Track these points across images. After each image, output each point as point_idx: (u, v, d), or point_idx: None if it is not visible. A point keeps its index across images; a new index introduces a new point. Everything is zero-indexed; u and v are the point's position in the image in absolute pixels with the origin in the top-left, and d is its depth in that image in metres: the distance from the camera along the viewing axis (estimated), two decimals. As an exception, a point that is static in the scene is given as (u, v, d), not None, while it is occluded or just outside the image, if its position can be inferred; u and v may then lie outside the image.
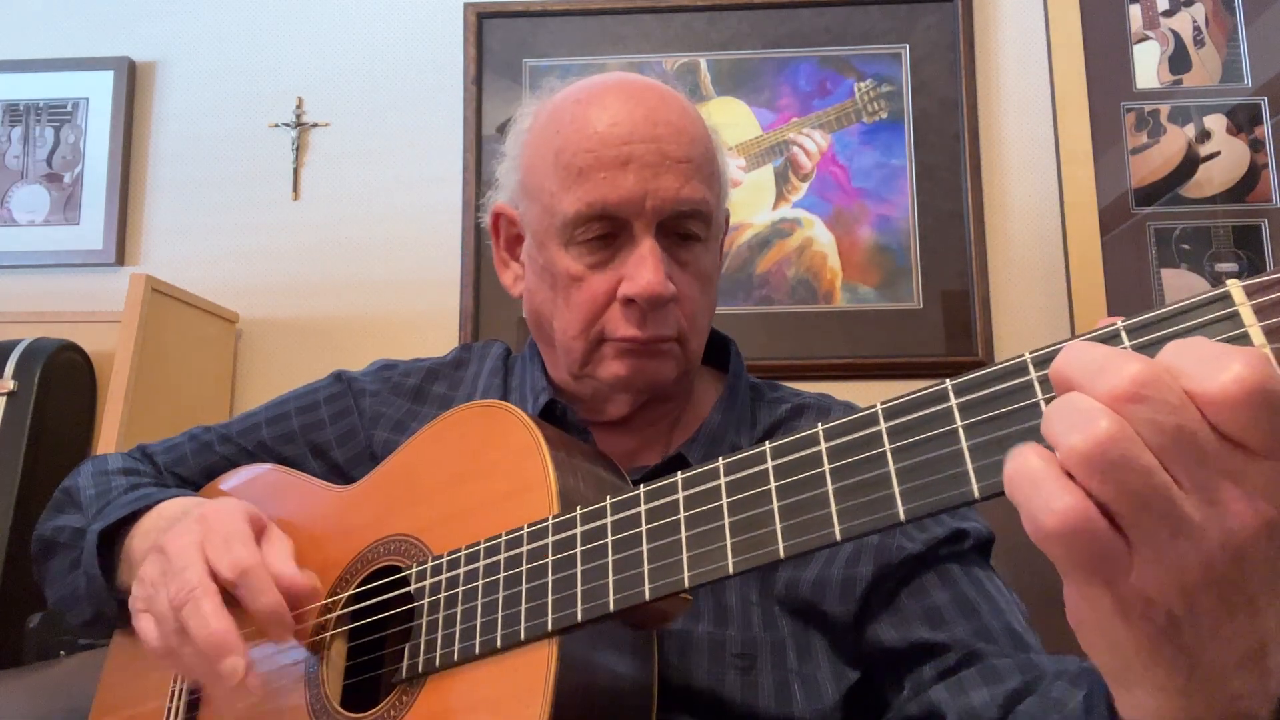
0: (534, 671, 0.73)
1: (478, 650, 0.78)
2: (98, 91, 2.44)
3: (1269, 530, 0.43)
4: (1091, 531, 0.44)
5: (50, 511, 1.16)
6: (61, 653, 1.73)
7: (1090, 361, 0.44)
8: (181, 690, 1.00)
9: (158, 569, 0.87)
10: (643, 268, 0.92)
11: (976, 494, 0.51)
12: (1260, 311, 0.44)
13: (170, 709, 1.00)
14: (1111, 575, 0.45)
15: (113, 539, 1.03)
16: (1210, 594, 0.44)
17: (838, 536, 0.56)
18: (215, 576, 0.84)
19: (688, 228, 0.96)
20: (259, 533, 0.90)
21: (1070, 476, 0.44)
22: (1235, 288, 0.45)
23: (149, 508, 1.02)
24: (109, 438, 1.93)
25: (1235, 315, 0.45)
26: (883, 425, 0.56)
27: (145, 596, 0.88)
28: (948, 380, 0.54)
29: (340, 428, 1.14)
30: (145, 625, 0.87)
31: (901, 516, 0.54)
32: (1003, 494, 0.48)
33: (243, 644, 0.81)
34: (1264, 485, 0.42)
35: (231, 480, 1.14)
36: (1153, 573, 0.44)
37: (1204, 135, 2.18)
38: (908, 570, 0.91)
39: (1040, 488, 0.44)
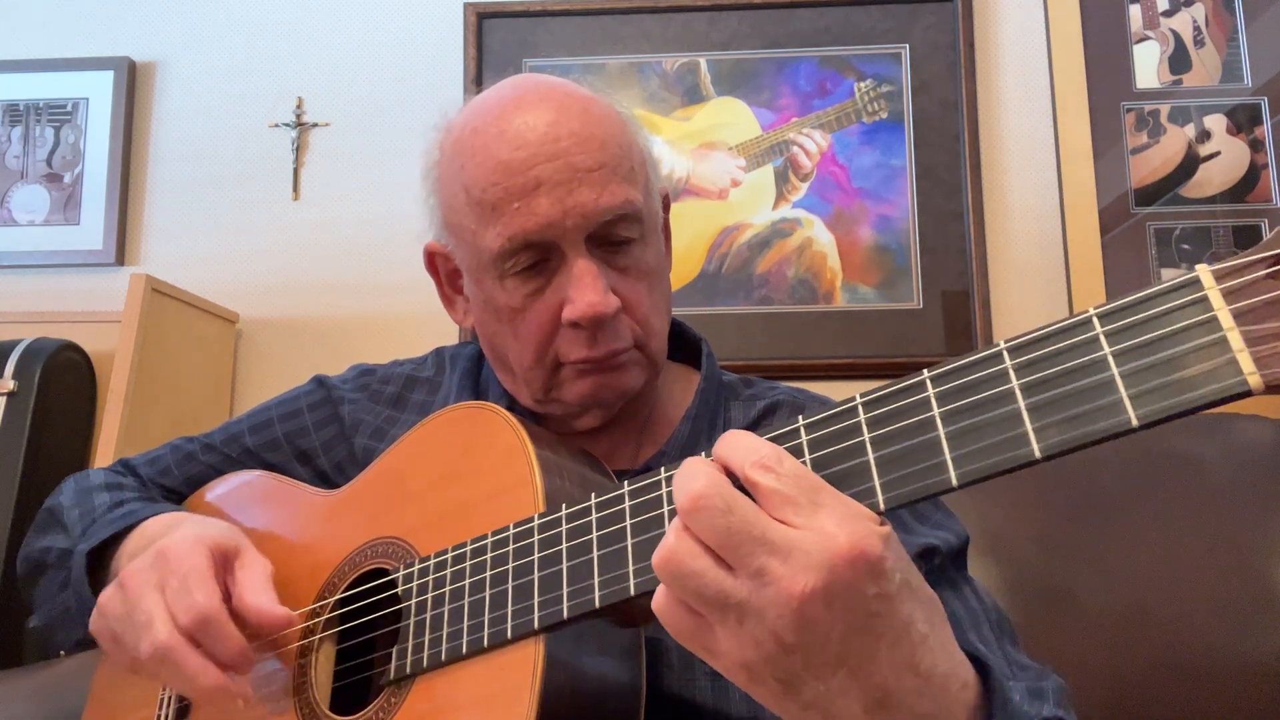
0: (521, 669, 0.73)
1: (465, 650, 0.78)
2: (98, 91, 2.44)
3: (819, 597, 0.53)
4: (672, 617, 0.58)
5: (35, 532, 1.15)
6: (61, 653, 1.72)
7: (679, 476, 0.57)
8: (171, 697, 1.00)
9: (118, 606, 0.87)
10: (580, 289, 0.90)
11: (954, 482, 0.52)
12: (1229, 295, 0.44)
13: (160, 716, 1.00)
14: (706, 649, 0.57)
15: (101, 557, 1.02)
16: (797, 657, 0.54)
17: None
18: (176, 622, 0.83)
19: (618, 234, 0.93)
20: (230, 559, 0.88)
21: None
22: (1204, 273, 0.45)
23: (134, 525, 1.01)
24: (109, 438, 1.93)
25: (1204, 300, 0.45)
26: (862, 417, 0.56)
27: (109, 630, 0.88)
28: (925, 371, 0.54)
29: (325, 434, 1.14)
30: (116, 653, 0.87)
31: (881, 506, 0.54)
32: (980, 481, 0.49)
33: (239, 681, 0.82)
34: (804, 559, 0.53)
35: (218, 488, 1.13)
36: (737, 647, 0.55)
37: (1204, 135, 2.17)
38: None
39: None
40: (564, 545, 0.74)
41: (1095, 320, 0.49)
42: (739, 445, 0.57)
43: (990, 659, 0.74)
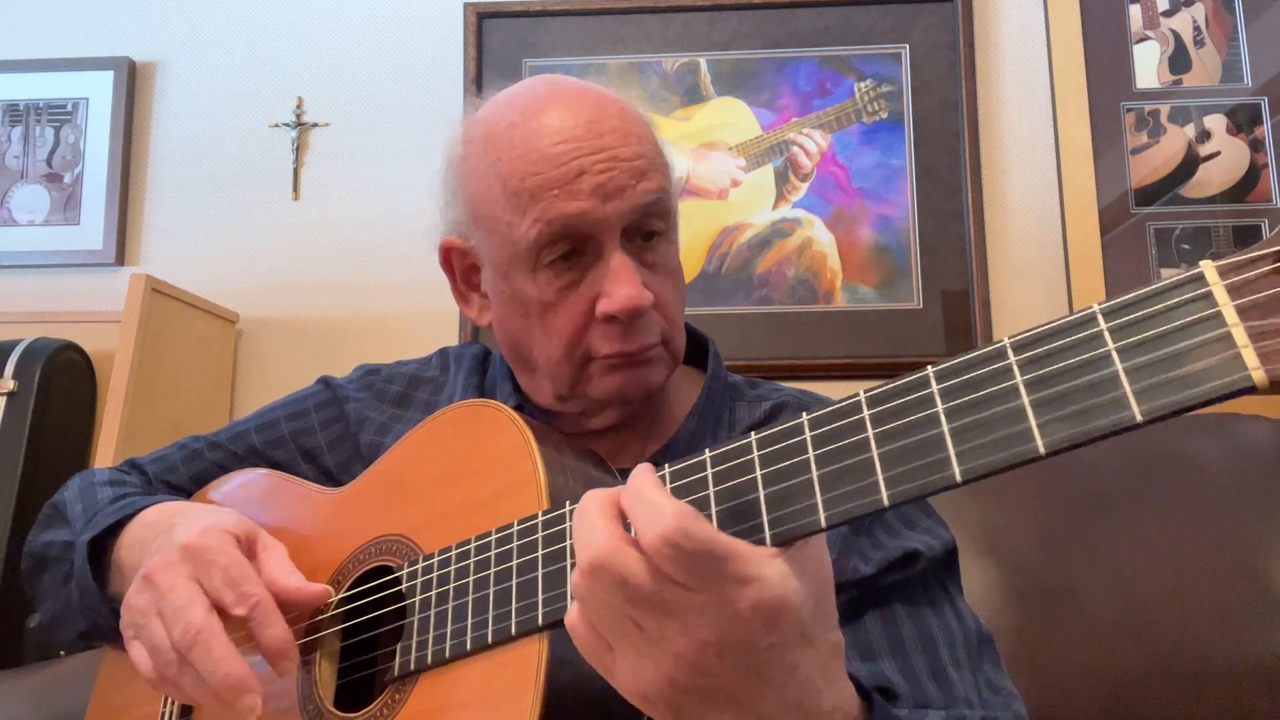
0: (525, 666, 0.73)
1: (469, 646, 0.78)
2: (98, 91, 2.44)
3: (712, 648, 0.57)
4: (579, 633, 0.63)
5: (38, 527, 1.15)
6: (61, 653, 1.72)
7: (583, 530, 0.61)
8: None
9: (147, 599, 0.86)
10: (618, 283, 0.91)
11: (958, 478, 0.52)
12: (1233, 291, 0.44)
13: (164, 714, 1.00)
14: (606, 670, 0.62)
15: (103, 550, 1.02)
16: (692, 696, 0.59)
17: (823, 524, 0.57)
18: (219, 609, 0.83)
19: (651, 225, 0.94)
20: (250, 545, 0.89)
21: None
22: (1209, 269, 0.45)
23: (133, 515, 1.01)
24: (109, 438, 1.93)
25: (1209, 296, 0.45)
26: (866, 413, 0.56)
27: (134, 624, 0.87)
28: (929, 367, 0.54)
29: (331, 433, 1.14)
30: (138, 654, 0.87)
31: (885, 502, 0.54)
32: (984, 477, 0.49)
33: (257, 680, 0.81)
34: (697, 618, 0.57)
35: (222, 486, 1.13)
36: (633, 679, 0.60)
37: (1204, 135, 2.18)
38: (855, 594, 0.89)
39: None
40: (568, 542, 0.74)
41: (1099, 316, 0.49)
42: (646, 505, 0.58)
43: (900, 687, 0.81)
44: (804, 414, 0.60)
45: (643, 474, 0.62)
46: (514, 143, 0.93)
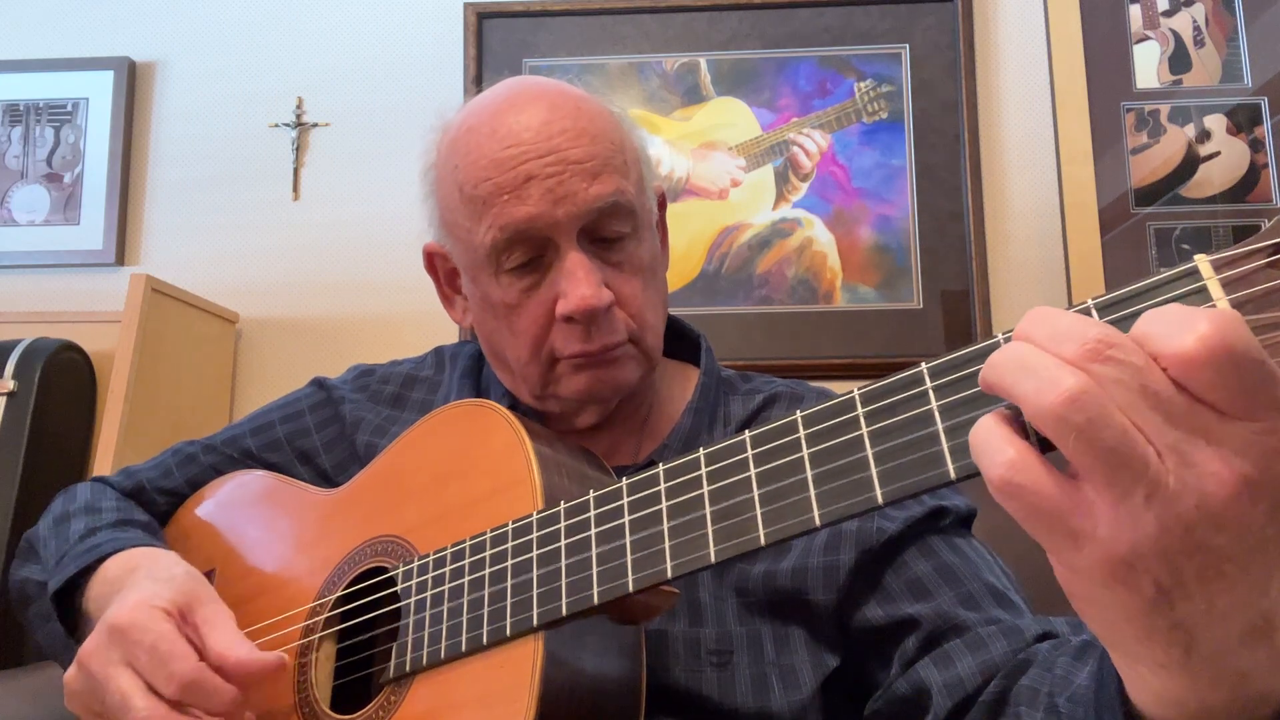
0: (520, 667, 0.73)
1: (464, 647, 0.78)
2: (98, 91, 2.44)
3: (1249, 489, 0.41)
4: (1035, 482, 0.44)
5: (18, 560, 1.15)
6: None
7: (1053, 323, 0.44)
8: None
9: (82, 685, 0.85)
10: (573, 282, 0.91)
11: (953, 475, 0.51)
12: (1228, 285, 0.44)
13: None
14: (1073, 534, 0.44)
15: (73, 589, 1.01)
16: (1195, 561, 0.43)
17: (817, 522, 0.56)
18: (159, 694, 0.81)
19: (611, 229, 0.94)
20: (188, 613, 0.85)
21: (1023, 431, 0.45)
22: (1203, 262, 0.45)
23: (100, 562, 0.99)
24: (109, 438, 1.93)
25: (1203, 290, 0.45)
26: (860, 410, 0.56)
27: (81, 706, 0.86)
28: (923, 363, 0.54)
29: (326, 434, 1.14)
30: None
31: (879, 500, 0.54)
32: (979, 474, 0.48)
33: None
34: (1239, 445, 0.41)
35: (217, 488, 1.13)
36: (1129, 537, 0.43)
37: (1204, 135, 2.17)
38: (888, 550, 0.90)
39: (988, 445, 0.45)
40: (562, 542, 0.74)
41: (1094, 310, 0.49)
42: (1167, 314, 0.43)
43: (969, 618, 0.77)
44: (798, 410, 0.60)
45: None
46: (468, 149, 0.94)
